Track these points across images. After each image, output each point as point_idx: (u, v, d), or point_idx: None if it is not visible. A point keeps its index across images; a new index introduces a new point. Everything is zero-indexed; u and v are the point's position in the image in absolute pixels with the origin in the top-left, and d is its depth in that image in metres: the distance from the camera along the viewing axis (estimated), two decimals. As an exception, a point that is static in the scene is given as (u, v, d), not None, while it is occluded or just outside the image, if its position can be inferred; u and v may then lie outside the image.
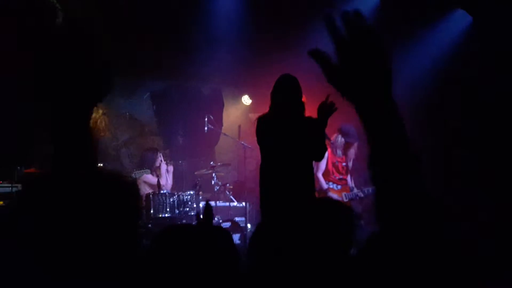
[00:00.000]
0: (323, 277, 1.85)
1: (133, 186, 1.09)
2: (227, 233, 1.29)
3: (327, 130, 4.13)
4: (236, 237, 6.09)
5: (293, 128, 3.90)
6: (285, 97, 3.92)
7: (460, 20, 6.89)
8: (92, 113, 1.13)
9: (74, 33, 1.13)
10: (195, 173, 6.94)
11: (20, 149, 5.69)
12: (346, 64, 0.95)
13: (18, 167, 5.41)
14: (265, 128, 3.94)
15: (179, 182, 7.09)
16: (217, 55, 7.04)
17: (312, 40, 7.31)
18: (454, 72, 6.59)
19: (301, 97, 3.96)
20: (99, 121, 5.00)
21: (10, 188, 5.24)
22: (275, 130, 3.89)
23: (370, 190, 5.60)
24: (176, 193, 6.21)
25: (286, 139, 3.86)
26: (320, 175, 5.52)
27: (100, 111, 5.02)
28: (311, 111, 4.08)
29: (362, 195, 5.66)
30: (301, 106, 3.99)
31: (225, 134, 7.76)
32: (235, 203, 6.83)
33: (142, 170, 6.19)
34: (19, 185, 5.23)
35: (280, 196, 3.76)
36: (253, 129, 4.09)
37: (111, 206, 0.98)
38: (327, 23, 0.96)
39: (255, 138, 4.05)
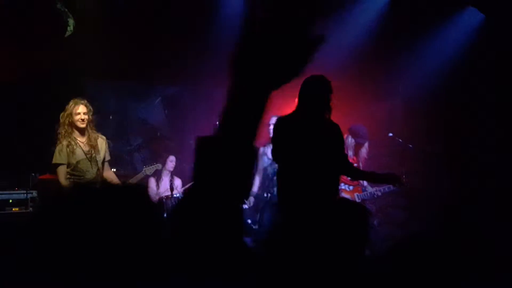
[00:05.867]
0: (337, 277, 1.84)
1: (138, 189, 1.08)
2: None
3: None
4: (248, 241, 6.06)
5: (320, 131, 3.74)
6: (314, 98, 3.72)
7: (471, 18, 6.81)
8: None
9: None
10: (207, 176, 6.92)
11: (34, 155, 5.74)
12: None
13: (33, 174, 5.46)
14: (288, 129, 3.74)
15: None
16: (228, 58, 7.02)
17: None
18: (465, 70, 6.51)
19: (329, 99, 3.75)
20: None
21: (25, 194, 5.30)
22: (301, 132, 3.69)
23: (386, 189, 5.54)
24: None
25: (313, 141, 3.68)
26: (332, 176, 5.49)
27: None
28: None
29: (379, 194, 5.60)
30: (329, 108, 3.79)
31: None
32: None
33: (152, 166, 6.07)
34: (34, 192, 5.29)
35: (303, 200, 3.58)
36: (264, 131, 4.01)
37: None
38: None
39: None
